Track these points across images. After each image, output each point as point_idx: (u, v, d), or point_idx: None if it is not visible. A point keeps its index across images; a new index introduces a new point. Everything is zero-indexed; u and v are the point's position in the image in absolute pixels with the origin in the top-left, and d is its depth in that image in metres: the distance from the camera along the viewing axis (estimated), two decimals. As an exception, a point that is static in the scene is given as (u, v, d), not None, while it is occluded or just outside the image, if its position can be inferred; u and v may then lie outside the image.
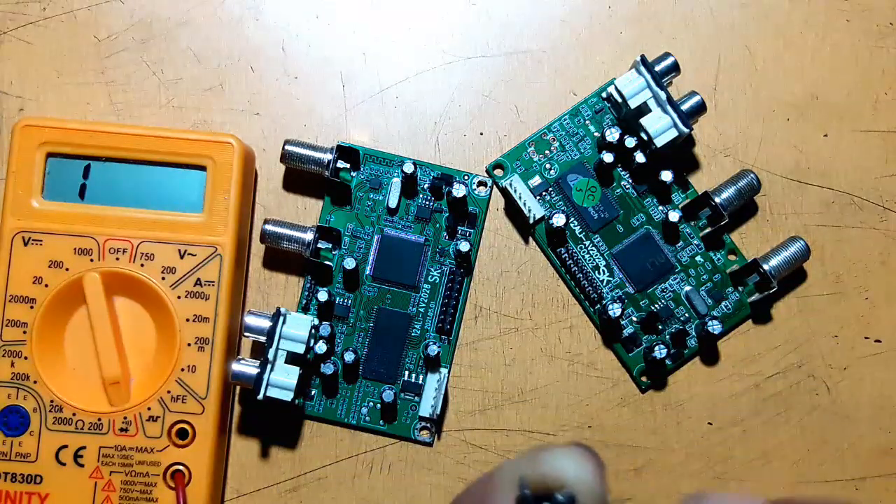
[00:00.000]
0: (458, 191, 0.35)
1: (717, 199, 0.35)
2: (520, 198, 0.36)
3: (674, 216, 0.36)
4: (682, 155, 0.38)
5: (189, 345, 0.34)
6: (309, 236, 0.35)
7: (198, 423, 0.34)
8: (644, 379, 0.37)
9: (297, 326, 0.34)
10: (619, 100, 0.35)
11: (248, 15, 0.38)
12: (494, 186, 0.37)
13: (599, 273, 0.37)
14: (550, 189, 0.37)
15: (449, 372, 0.36)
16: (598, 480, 0.18)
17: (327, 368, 0.35)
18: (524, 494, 0.18)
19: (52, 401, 0.33)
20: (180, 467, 0.33)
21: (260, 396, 0.33)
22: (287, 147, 0.35)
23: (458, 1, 0.38)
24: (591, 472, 0.18)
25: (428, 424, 0.36)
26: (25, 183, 0.34)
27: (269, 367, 0.33)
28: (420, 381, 0.36)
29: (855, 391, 0.37)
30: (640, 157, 0.36)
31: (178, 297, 0.34)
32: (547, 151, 0.37)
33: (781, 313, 0.37)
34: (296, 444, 0.36)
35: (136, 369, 0.34)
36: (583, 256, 0.37)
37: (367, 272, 0.36)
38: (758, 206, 0.38)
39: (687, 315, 0.37)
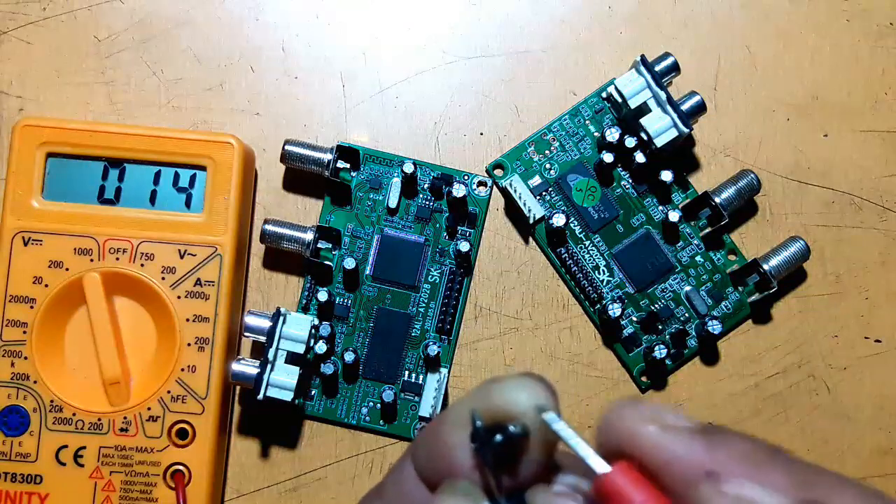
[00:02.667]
0: (458, 191, 0.35)
1: (717, 199, 0.35)
2: (520, 198, 0.36)
3: (674, 216, 0.36)
4: (682, 155, 0.38)
5: (189, 345, 0.34)
6: (309, 236, 0.35)
7: (198, 423, 0.34)
8: (644, 379, 0.37)
9: (297, 326, 0.34)
10: (619, 100, 0.35)
11: (248, 15, 0.38)
12: (494, 186, 0.37)
13: (599, 273, 0.37)
14: (550, 189, 0.37)
15: (449, 372, 0.36)
16: (548, 409, 0.18)
17: (327, 368, 0.35)
18: (476, 428, 0.18)
19: (52, 401, 0.33)
20: (180, 467, 0.33)
21: (260, 396, 0.33)
22: (287, 147, 0.35)
23: (458, 1, 0.38)
24: (542, 402, 0.18)
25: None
26: (25, 183, 0.34)
27: (269, 367, 0.33)
28: (420, 381, 0.36)
29: (855, 391, 0.37)
30: (640, 157, 0.36)
31: (178, 297, 0.34)
32: (547, 151, 0.37)
33: (781, 313, 0.37)
34: (296, 444, 0.36)
35: (136, 369, 0.34)
36: (583, 256, 0.37)
37: (367, 272, 0.36)
38: (758, 206, 0.38)
39: (687, 315, 0.37)
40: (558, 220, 0.35)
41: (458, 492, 0.18)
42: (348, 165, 0.37)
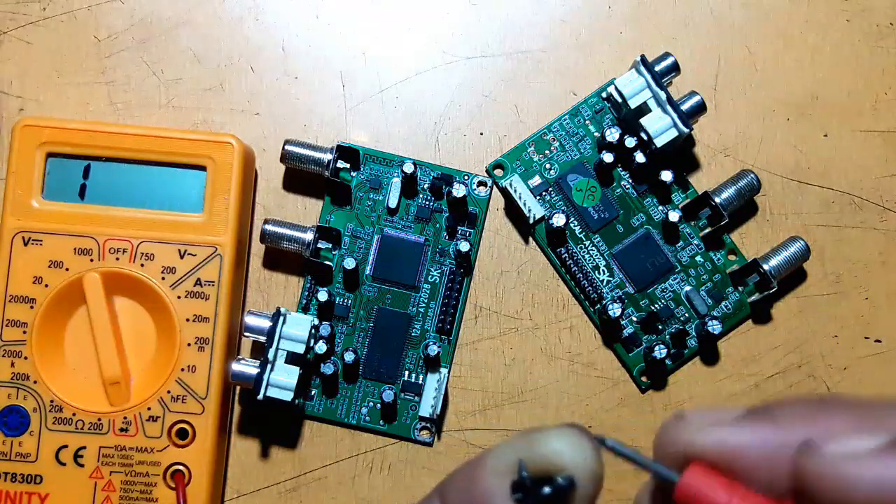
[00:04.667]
0: (458, 191, 0.35)
1: (717, 199, 0.35)
2: (520, 198, 0.36)
3: (674, 216, 0.36)
4: (682, 155, 0.38)
5: (189, 345, 0.34)
6: (309, 236, 0.35)
7: (198, 423, 0.34)
8: (644, 379, 0.37)
9: (297, 326, 0.34)
10: (619, 100, 0.35)
11: (248, 15, 0.38)
12: (494, 186, 0.37)
13: (599, 273, 0.37)
14: (550, 189, 0.37)
15: (449, 372, 0.36)
16: (595, 462, 0.18)
17: (327, 368, 0.35)
18: (523, 478, 0.18)
19: (52, 401, 0.33)
20: (180, 467, 0.33)
21: (260, 396, 0.33)
22: (287, 147, 0.35)
23: (458, 1, 0.38)
24: (588, 454, 0.18)
25: (428, 424, 0.36)
26: (25, 183, 0.34)
27: (269, 367, 0.33)
28: (420, 381, 0.36)
29: (855, 391, 0.37)
30: (640, 157, 0.36)
31: (178, 297, 0.34)
32: (547, 151, 0.37)
33: (781, 313, 0.37)
34: (296, 444, 0.36)
35: (136, 369, 0.34)
36: (583, 256, 0.37)
37: (367, 272, 0.36)
38: (758, 206, 0.38)
39: (687, 315, 0.37)
40: (558, 220, 0.35)
41: None
42: (348, 165, 0.37)
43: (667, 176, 0.36)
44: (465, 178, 0.37)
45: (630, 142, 0.36)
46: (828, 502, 0.16)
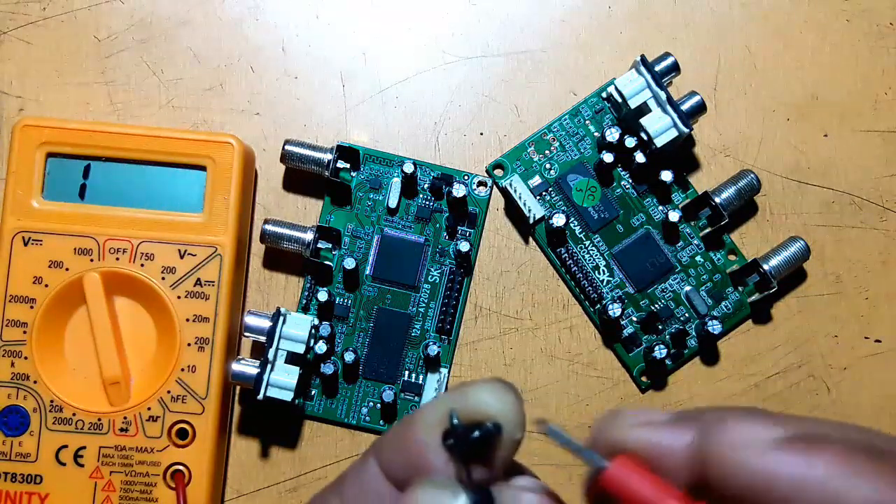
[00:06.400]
0: (458, 191, 0.35)
1: (717, 199, 0.35)
2: (520, 198, 0.36)
3: (674, 216, 0.36)
4: (682, 155, 0.38)
5: (189, 345, 0.34)
6: (309, 236, 0.35)
7: (198, 423, 0.34)
8: (644, 379, 0.37)
9: (297, 326, 0.34)
10: (619, 100, 0.35)
11: (248, 15, 0.38)
12: (494, 186, 0.37)
13: (599, 273, 0.37)
14: (550, 189, 0.37)
15: (449, 372, 0.36)
16: (518, 410, 0.20)
17: (327, 368, 0.35)
18: (454, 425, 0.19)
19: (52, 401, 0.33)
20: (180, 467, 0.33)
21: (260, 396, 0.33)
22: (287, 147, 0.35)
23: (458, 1, 0.38)
24: (512, 404, 0.19)
25: (428, 424, 0.36)
26: (25, 183, 0.34)
27: (269, 367, 0.33)
28: (420, 381, 0.36)
29: (855, 391, 0.37)
30: (640, 157, 0.36)
31: (178, 297, 0.34)
32: (547, 151, 0.37)
33: (781, 313, 0.37)
34: (296, 444, 0.36)
35: (136, 369, 0.34)
36: (583, 256, 0.37)
37: (367, 272, 0.36)
38: (758, 206, 0.38)
39: (687, 315, 0.37)
40: (558, 220, 0.35)
41: (437, 485, 0.19)
42: (348, 165, 0.37)
43: (667, 176, 0.36)
44: (465, 178, 0.37)
45: (630, 142, 0.36)
46: (724, 484, 0.17)
